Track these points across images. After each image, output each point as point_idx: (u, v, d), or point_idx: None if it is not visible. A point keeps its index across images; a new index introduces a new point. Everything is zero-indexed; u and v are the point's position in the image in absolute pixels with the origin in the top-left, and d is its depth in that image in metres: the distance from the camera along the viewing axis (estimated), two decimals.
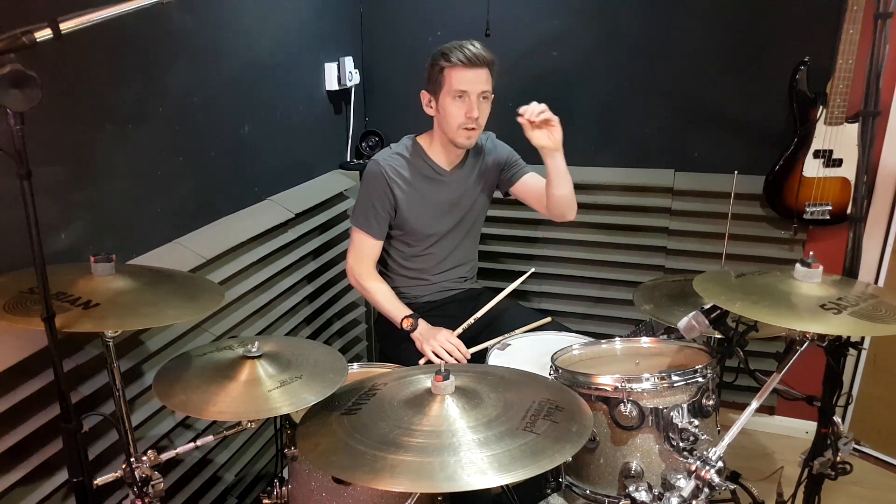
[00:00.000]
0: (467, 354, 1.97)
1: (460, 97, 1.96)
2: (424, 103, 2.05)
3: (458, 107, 1.97)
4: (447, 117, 2.00)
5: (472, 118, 1.96)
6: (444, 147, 2.09)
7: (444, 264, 2.21)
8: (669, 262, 2.62)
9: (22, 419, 1.39)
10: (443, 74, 1.96)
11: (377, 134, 2.80)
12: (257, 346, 1.43)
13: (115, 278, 1.35)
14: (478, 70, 1.94)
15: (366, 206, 2.07)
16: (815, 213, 2.32)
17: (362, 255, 2.11)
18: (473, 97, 1.95)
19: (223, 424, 1.49)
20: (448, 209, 2.15)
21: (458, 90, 1.95)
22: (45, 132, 1.45)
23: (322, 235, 2.49)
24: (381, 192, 2.05)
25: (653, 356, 1.73)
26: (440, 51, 1.97)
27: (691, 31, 2.44)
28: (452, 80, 1.95)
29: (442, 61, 1.95)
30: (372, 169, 2.07)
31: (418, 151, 2.11)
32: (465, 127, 1.99)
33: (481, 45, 1.96)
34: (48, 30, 0.99)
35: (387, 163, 2.07)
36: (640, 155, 2.60)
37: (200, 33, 1.91)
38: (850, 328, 1.33)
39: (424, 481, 1.11)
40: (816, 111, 2.25)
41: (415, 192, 2.08)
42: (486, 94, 1.98)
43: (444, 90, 1.97)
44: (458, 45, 1.95)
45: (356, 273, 2.12)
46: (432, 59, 1.99)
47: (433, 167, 2.11)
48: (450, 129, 2.01)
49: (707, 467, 1.32)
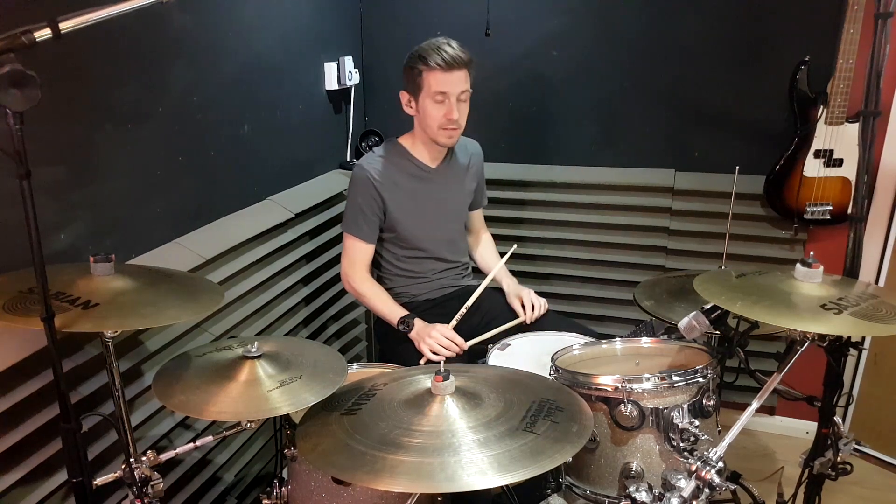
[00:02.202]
0: (464, 346, 1.96)
1: (440, 100, 1.96)
2: (404, 103, 2.06)
3: (437, 109, 1.98)
4: (427, 118, 2.01)
5: (452, 120, 1.98)
6: (426, 145, 2.11)
7: (438, 264, 2.22)
8: (670, 262, 2.62)
9: (21, 419, 1.39)
10: (421, 77, 1.96)
11: (377, 134, 2.80)
12: (257, 347, 1.43)
13: (115, 278, 1.35)
14: (457, 72, 1.94)
15: (354, 211, 2.07)
16: (815, 213, 2.32)
17: (355, 260, 2.11)
18: (453, 99, 1.96)
19: (223, 425, 1.49)
20: (437, 206, 2.16)
21: (438, 92, 1.95)
22: (45, 132, 1.45)
23: (322, 235, 2.49)
24: (368, 195, 2.05)
25: (653, 356, 1.72)
26: (417, 53, 1.97)
27: (692, 31, 2.44)
28: (431, 83, 1.95)
29: (420, 64, 1.95)
30: (357, 173, 2.08)
31: (401, 151, 2.12)
32: (446, 127, 2.00)
33: (458, 44, 1.97)
34: (48, 30, 0.99)
35: (371, 166, 2.07)
36: (640, 155, 2.60)
37: (200, 33, 1.91)
38: (851, 328, 1.32)
39: (424, 481, 1.11)
40: (817, 111, 2.24)
41: (402, 192, 2.09)
42: (464, 94, 1.99)
43: (424, 92, 1.98)
44: (434, 46, 1.95)
45: (350, 278, 2.12)
46: (409, 61, 1.99)
47: (418, 165, 2.12)
48: (430, 130, 2.03)
49: (707, 467, 1.32)
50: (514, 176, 2.70)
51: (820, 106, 2.24)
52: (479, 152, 2.30)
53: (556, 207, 2.69)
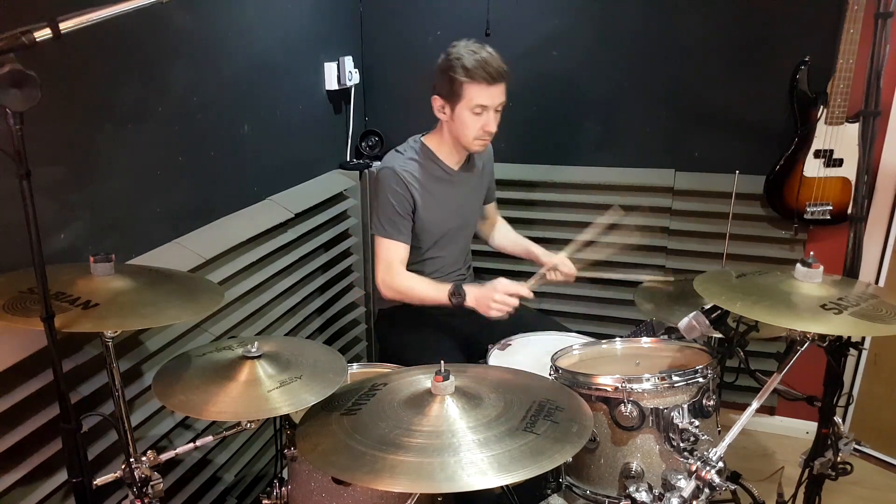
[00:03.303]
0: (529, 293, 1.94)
1: (478, 112, 1.94)
2: (436, 108, 2.01)
3: (475, 120, 1.95)
4: (463, 128, 1.98)
5: (489, 132, 1.97)
6: (453, 148, 2.08)
7: (446, 264, 2.21)
8: (670, 262, 2.62)
9: (22, 419, 1.39)
10: (462, 88, 1.91)
11: (377, 134, 2.80)
12: (257, 347, 1.43)
13: (115, 278, 1.35)
14: (499, 85, 1.92)
15: (388, 212, 2.01)
16: (815, 213, 2.32)
17: (392, 262, 2.02)
18: (491, 112, 1.94)
19: (223, 425, 1.49)
20: (455, 209, 2.15)
21: (478, 105, 1.92)
22: (45, 132, 1.45)
23: (322, 235, 2.49)
24: (400, 195, 2.01)
25: (653, 356, 1.72)
26: (460, 62, 1.90)
27: (692, 31, 2.44)
28: (472, 96, 1.91)
29: (462, 75, 1.90)
30: (387, 174, 2.03)
31: (428, 153, 2.09)
32: (481, 138, 1.99)
33: (496, 53, 1.93)
34: (48, 29, 0.99)
35: (403, 168, 2.03)
36: (640, 155, 2.60)
37: (200, 33, 1.91)
38: (851, 328, 1.32)
39: (424, 482, 1.11)
40: (817, 111, 2.24)
41: (428, 194, 2.07)
42: (501, 105, 1.97)
43: (463, 103, 1.94)
44: (477, 57, 1.89)
45: (388, 283, 2.02)
46: (449, 68, 1.92)
47: (443, 168, 2.11)
48: (464, 138, 2.00)
49: (707, 468, 1.32)
50: (514, 176, 2.70)
51: (820, 106, 2.24)
52: (490, 149, 2.27)
53: (556, 207, 2.69)
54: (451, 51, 1.94)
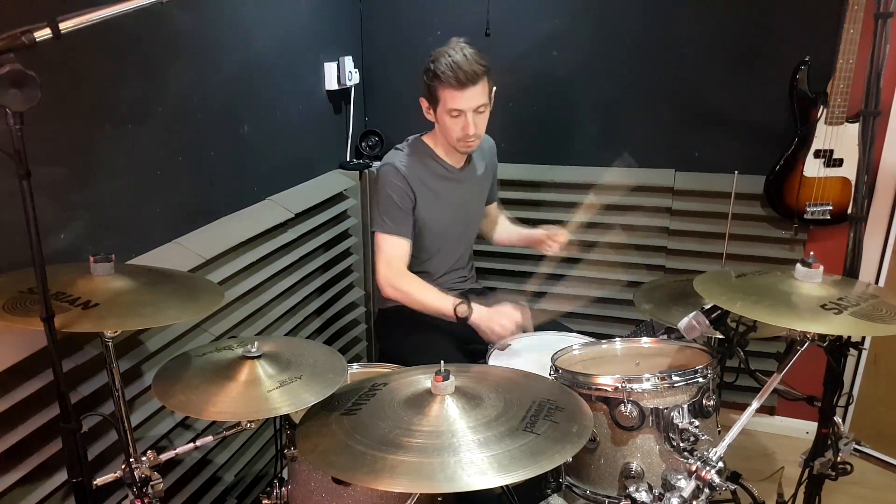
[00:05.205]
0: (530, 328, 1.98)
1: (456, 115, 1.93)
2: (424, 109, 2.03)
3: (454, 123, 1.95)
4: (446, 131, 1.99)
5: (469, 135, 1.95)
6: (449, 147, 2.09)
7: (448, 264, 2.21)
8: (670, 262, 2.62)
9: (21, 419, 1.39)
10: (437, 92, 1.92)
11: (377, 134, 2.80)
12: (257, 347, 1.43)
13: (115, 278, 1.35)
14: (471, 89, 1.89)
15: (388, 207, 2.01)
16: (815, 213, 2.32)
17: (393, 259, 2.02)
18: (469, 114, 1.93)
19: (223, 425, 1.49)
20: (457, 207, 2.15)
21: (454, 109, 1.92)
22: (45, 132, 1.45)
23: (322, 235, 2.49)
24: (401, 190, 2.01)
25: (653, 356, 1.72)
26: (434, 67, 1.90)
27: (692, 31, 2.44)
28: (447, 100, 1.92)
29: (435, 80, 1.90)
30: (387, 170, 2.03)
31: (427, 152, 2.10)
32: (463, 140, 1.98)
33: (473, 53, 1.90)
34: (48, 30, 0.99)
35: (402, 164, 2.04)
36: (640, 155, 2.60)
37: (200, 33, 1.91)
38: (851, 328, 1.33)
39: (424, 482, 1.11)
40: (817, 111, 2.24)
41: (429, 191, 2.07)
42: (481, 107, 1.94)
43: (440, 107, 1.95)
44: (449, 61, 1.87)
45: (389, 281, 2.00)
46: (426, 71, 1.93)
47: (444, 166, 2.11)
48: (449, 140, 2.01)
49: (707, 468, 1.32)
50: (514, 176, 2.69)
51: (820, 106, 2.24)
52: (493, 149, 2.28)
53: (556, 207, 2.69)
54: (433, 53, 1.94)
